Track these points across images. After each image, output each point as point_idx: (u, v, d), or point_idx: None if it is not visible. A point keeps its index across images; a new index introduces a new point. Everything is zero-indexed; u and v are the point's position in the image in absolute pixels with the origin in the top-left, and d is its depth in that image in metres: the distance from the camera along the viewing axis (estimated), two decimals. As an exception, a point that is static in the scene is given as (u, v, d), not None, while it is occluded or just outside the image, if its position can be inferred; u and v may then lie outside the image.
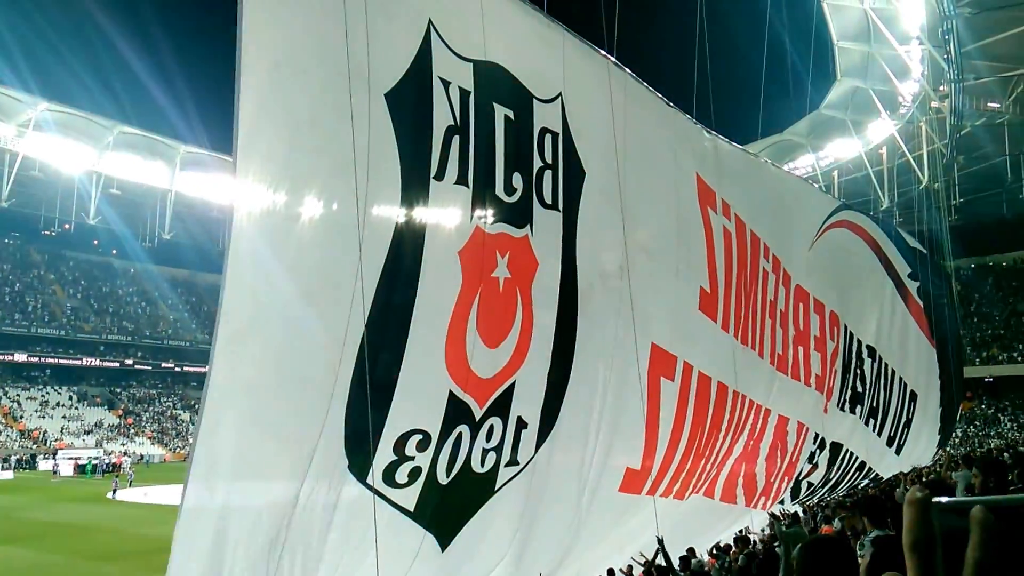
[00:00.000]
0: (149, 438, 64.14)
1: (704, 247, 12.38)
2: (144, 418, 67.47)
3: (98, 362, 69.69)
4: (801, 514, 16.54)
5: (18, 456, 52.62)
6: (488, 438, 8.40)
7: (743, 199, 14.14)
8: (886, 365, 22.48)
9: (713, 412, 12.85)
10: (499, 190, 8.39)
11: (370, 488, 7.14)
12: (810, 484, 19.43)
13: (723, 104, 18.51)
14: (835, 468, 20.30)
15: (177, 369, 75.58)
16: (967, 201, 59.00)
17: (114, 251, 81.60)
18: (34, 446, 55.44)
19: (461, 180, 7.92)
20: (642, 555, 11.81)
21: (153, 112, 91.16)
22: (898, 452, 23.63)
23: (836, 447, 19.91)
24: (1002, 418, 56.48)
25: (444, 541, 8.15)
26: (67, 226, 75.44)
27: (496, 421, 8.48)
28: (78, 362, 68.19)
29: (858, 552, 4.10)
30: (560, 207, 9.19)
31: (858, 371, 21.19)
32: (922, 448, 25.53)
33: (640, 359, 10.43)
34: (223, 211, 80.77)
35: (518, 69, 8.63)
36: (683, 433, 11.84)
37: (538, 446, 9.06)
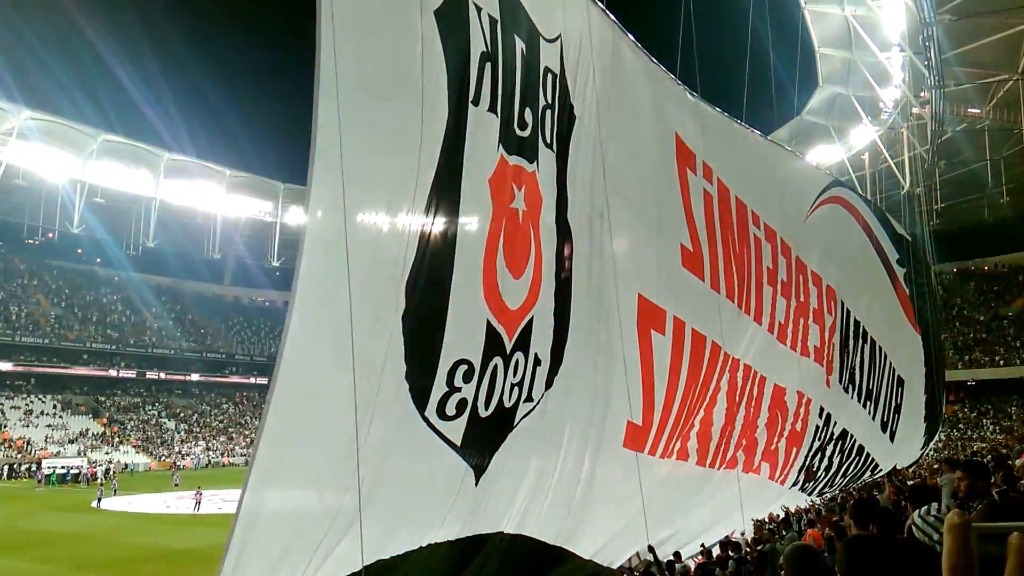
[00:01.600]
0: (134, 446, 63.70)
1: (681, 206, 12.59)
2: (129, 427, 67.01)
3: (82, 371, 69.18)
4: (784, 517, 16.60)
5: (11, 464, 52.24)
6: (515, 372, 8.51)
7: (728, 166, 14.35)
8: (879, 348, 22.61)
9: (705, 372, 12.99)
10: (516, 123, 8.50)
11: (427, 421, 7.32)
12: (817, 466, 19.41)
13: (705, 110, 18.56)
14: (839, 449, 20.32)
15: (162, 377, 75.09)
16: (948, 206, 59.59)
17: (98, 259, 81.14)
18: (18, 455, 54.96)
19: (491, 108, 8.04)
20: (637, 556, 11.88)
21: (137, 120, 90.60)
22: (892, 439, 23.70)
23: (838, 426, 19.99)
24: (984, 421, 56.96)
25: (478, 476, 8.22)
26: (51, 235, 75.01)
27: (520, 356, 8.60)
28: (62, 371, 67.68)
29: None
30: (554, 148, 9.33)
31: (855, 350, 21.31)
32: (909, 438, 25.57)
33: (626, 309, 10.56)
34: (207, 218, 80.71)
35: (530, 4, 8.75)
36: (678, 390, 11.97)
37: (547, 386, 9.16)
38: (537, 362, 8.92)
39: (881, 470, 23.18)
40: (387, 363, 6.78)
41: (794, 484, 18.84)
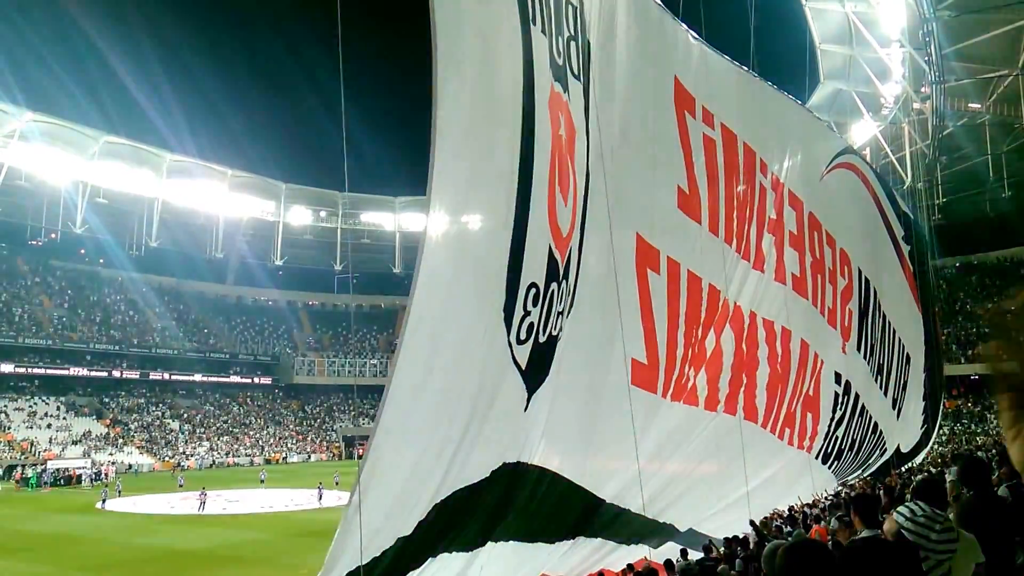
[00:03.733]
0: (138, 447, 63.82)
1: (680, 149, 12.64)
2: (132, 428, 67.13)
3: (86, 372, 69.22)
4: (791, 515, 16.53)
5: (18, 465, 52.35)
6: (560, 300, 8.77)
7: (734, 112, 14.37)
8: (890, 322, 22.47)
9: (706, 314, 13.06)
10: (554, 49, 8.57)
11: (509, 346, 7.72)
12: (837, 437, 19.24)
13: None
14: (855, 421, 20.13)
15: (165, 378, 75.19)
16: (950, 201, 59.53)
17: (101, 260, 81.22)
18: (22, 457, 55.08)
19: (543, 29, 8.19)
20: (645, 558, 11.89)
21: (139, 121, 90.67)
22: (898, 416, 23.52)
23: (856, 395, 19.84)
24: (988, 416, 56.84)
25: (527, 402, 8.48)
26: (54, 235, 75.09)
27: (565, 284, 8.86)
28: (66, 372, 67.73)
29: None
30: (581, 79, 9.45)
31: (872, 322, 21.15)
32: (912, 418, 25.38)
33: (626, 249, 10.69)
34: (210, 218, 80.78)
35: None
36: (679, 330, 12.04)
37: (566, 316, 9.34)
38: (568, 292, 9.13)
39: (887, 450, 23.02)
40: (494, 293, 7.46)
41: (819, 456, 18.65)
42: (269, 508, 37.05)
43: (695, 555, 12.66)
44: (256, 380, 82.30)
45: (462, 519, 7.95)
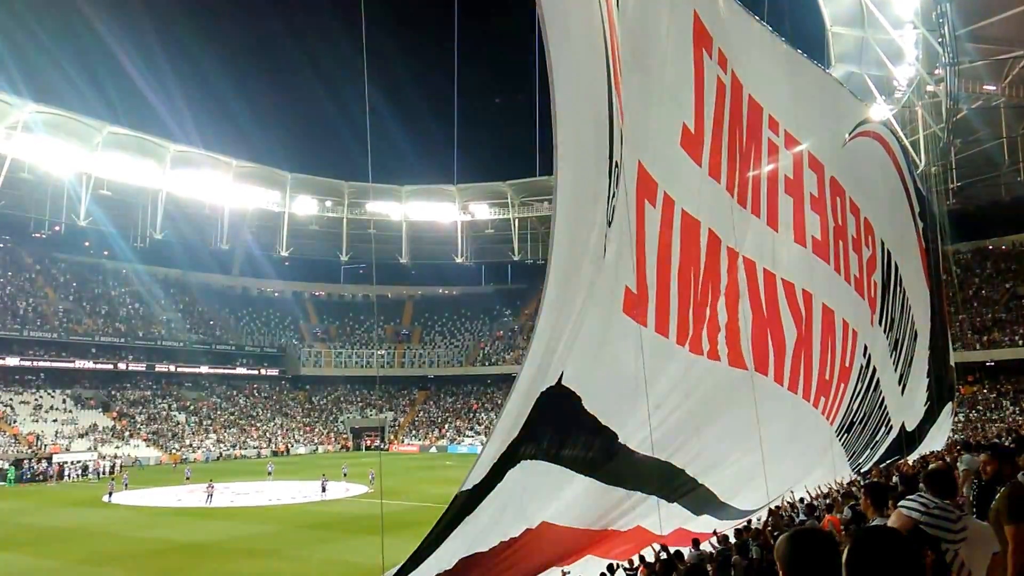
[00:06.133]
0: (144, 440, 63.56)
1: (692, 86, 12.45)
2: (139, 420, 66.86)
3: (91, 364, 68.91)
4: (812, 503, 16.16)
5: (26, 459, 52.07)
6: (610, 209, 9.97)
7: (747, 62, 14.21)
8: (907, 298, 22.15)
9: (706, 261, 12.86)
10: None
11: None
12: (852, 410, 18.94)
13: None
14: (869, 396, 19.85)
15: (171, 370, 74.86)
16: (964, 185, 58.69)
17: (105, 252, 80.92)
18: (29, 450, 54.80)
19: None
20: (643, 562, 11.66)
21: (142, 111, 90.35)
22: (903, 392, 23.20)
23: (873, 369, 19.56)
24: (1004, 402, 56.21)
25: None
26: (58, 228, 74.69)
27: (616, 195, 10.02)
28: (71, 364, 67.44)
29: None
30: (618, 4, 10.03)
31: (894, 295, 20.82)
32: (915, 395, 24.98)
33: (629, 174, 10.58)
34: (214, 209, 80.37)
35: None
36: (672, 268, 11.91)
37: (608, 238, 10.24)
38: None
39: (892, 428, 22.67)
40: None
41: (839, 429, 18.38)
42: (277, 500, 36.94)
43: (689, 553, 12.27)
44: (263, 372, 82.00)
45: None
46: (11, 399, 61.14)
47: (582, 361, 9.75)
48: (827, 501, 15.30)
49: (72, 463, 51.05)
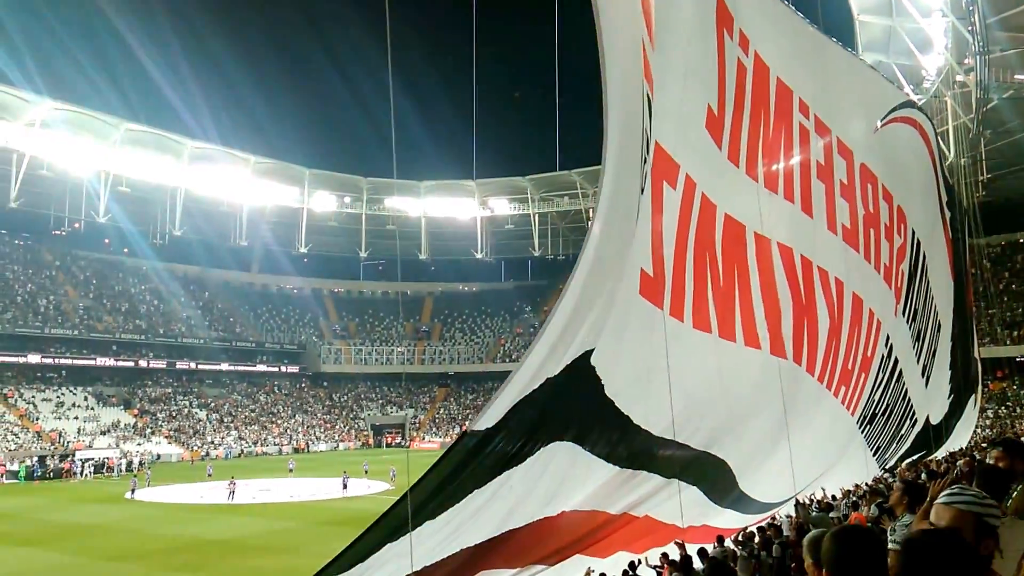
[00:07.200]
0: (166, 437, 63.58)
1: (715, 66, 12.11)
2: (160, 417, 66.89)
3: (112, 362, 69.03)
4: (831, 501, 15.98)
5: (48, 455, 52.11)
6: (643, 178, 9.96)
7: (772, 45, 13.86)
8: (931, 288, 21.80)
9: (723, 243, 12.50)
10: None
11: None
12: (874, 401, 18.59)
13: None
14: (891, 387, 19.49)
15: (192, 367, 74.89)
16: (995, 177, 57.56)
17: (125, 249, 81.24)
18: (52, 447, 54.87)
19: None
20: (666, 559, 11.46)
21: (159, 108, 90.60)
22: (926, 384, 22.77)
23: (895, 360, 19.22)
24: (1035, 397, 55.15)
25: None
26: (77, 225, 74.91)
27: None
28: (92, 362, 67.56)
29: (889, 537, 3.76)
30: None
31: (920, 285, 20.47)
32: (939, 388, 24.48)
33: (648, 150, 10.21)
34: (233, 205, 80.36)
35: None
36: (687, 251, 11.58)
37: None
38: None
39: (917, 421, 22.19)
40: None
41: (860, 420, 18.02)
42: (298, 497, 36.73)
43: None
44: (283, 369, 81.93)
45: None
46: (33, 396, 61.30)
47: (608, 343, 9.53)
48: (853, 499, 14.98)
49: (84, 461, 50.90)
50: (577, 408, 9.70)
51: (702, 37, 11.79)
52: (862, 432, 19.04)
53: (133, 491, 38.15)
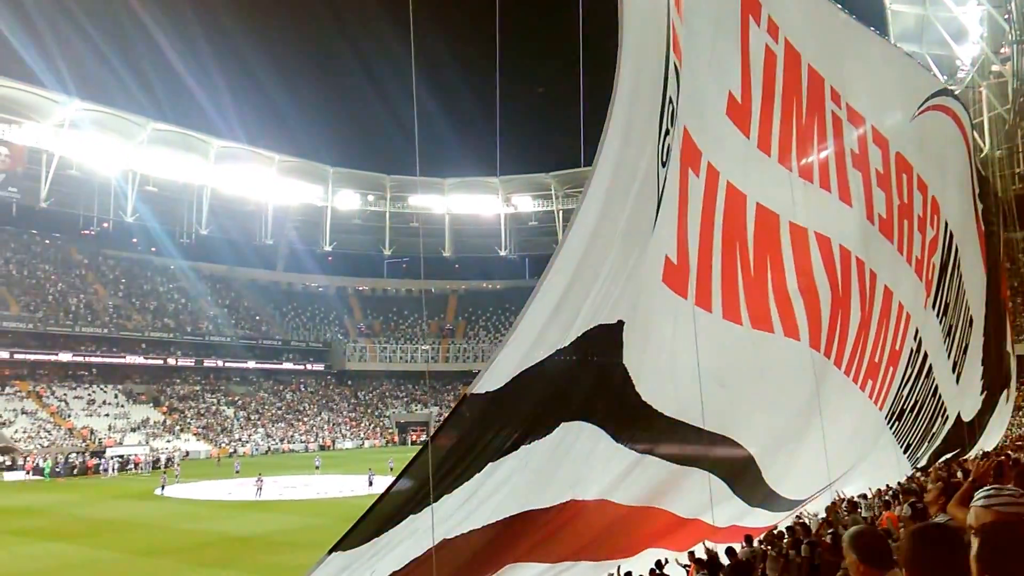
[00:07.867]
0: (195, 434, 63.96)
1: (739, 52, 11.80)
2: (188, 415, 67.30)
3: (142, 360, 69.59)
4: (859, 500, 15.63)
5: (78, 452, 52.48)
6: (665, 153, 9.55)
7: (804, 32, 13.46)
8: (963, 281, 21.35)
9: (755, 232, 12.15)
10: None
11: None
12: (902, 397, 18.18)
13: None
14: (920, 383, 19.05)
15: (219, 365, 75.32)
16: (1031, 168, 56.44)
17: (153, 248, 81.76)
18: (83, 444, 55.33)
19: None
20: (693, 558, 11.26)
21: (185, 108, 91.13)
22: (957, 380, 22.25)
23: (924, 354, 18.83)
24: (1073, 396, 53.89)
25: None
26: (106, 224, 75.68)
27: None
28: (122, 360, 68.12)
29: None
30: None
31: (952, 278, 20.08)
32: (970, 384, 23.89)
33: (677, 136, 9.94)
34: (258, 204, 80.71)
35: None
36: (713, 240, 11.24)
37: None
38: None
39: (948, 417, 21.66)
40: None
41: (888, 416, 17.59)
42: (325, 494, 36.81)
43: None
44: (308, 367, 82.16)
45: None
46: (65, 394, 61.89)
47: (633, 327, 9.15)
48: (885, 498, 14.57)
49: (112, 458, 51.24)
50: (598, 391, 9.26)
51: (724, 22, 11.55)
52: (891, 429, 18.62)
53: (163, 487, 38.47)
